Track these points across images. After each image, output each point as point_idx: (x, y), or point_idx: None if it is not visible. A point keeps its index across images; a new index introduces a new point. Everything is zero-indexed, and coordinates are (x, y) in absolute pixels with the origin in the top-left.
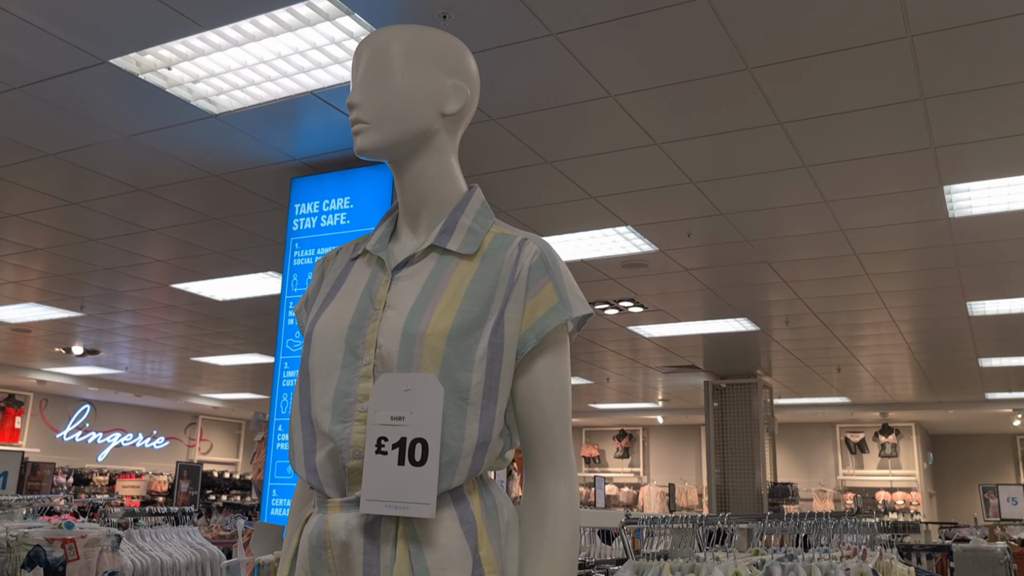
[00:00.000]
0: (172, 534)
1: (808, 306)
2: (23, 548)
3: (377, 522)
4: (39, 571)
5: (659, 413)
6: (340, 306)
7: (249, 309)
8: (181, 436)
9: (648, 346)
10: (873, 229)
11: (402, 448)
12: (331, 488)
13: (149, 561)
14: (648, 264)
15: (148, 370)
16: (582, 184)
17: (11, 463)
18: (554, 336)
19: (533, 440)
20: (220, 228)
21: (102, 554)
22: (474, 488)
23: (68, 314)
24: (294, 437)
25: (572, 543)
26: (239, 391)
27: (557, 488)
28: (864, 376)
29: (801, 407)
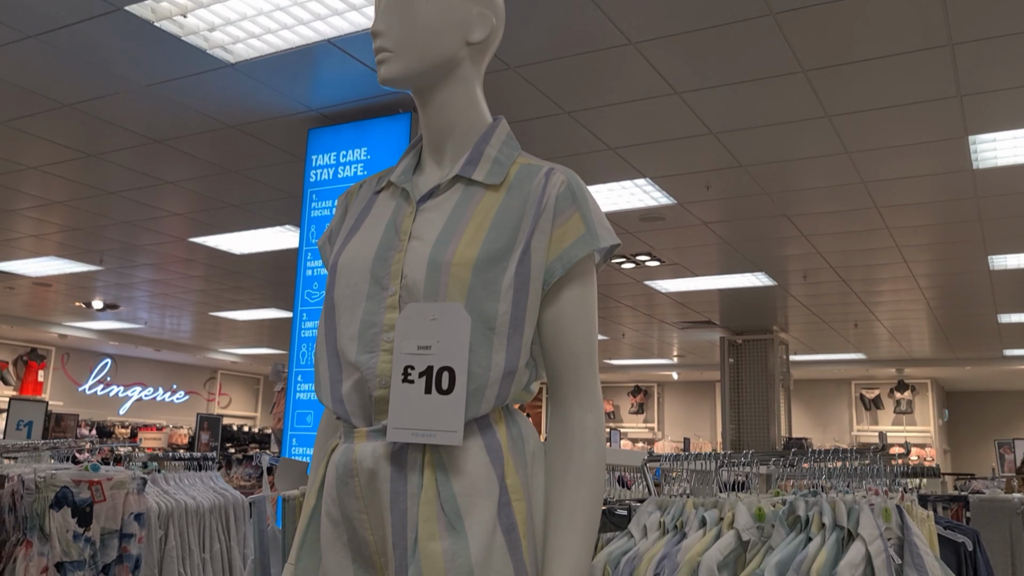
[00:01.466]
0: (195, 479)
1: (826, 260)
2: (51, 489)
3: (404, 450)
4: (67, 511)
5: (674, 369)
6: (365, 238)
7: (266, 263)
8: (200, 391)
9: (664, 301)
10: (895, 181)
11: (429, 377)
12: (357, 418)
13: (174, 504)
14: (666, 217)
15: (167, 325)
16: (600, 135)
17: (36, 414)
18: (581, 266)
19: (560, 370)
20: (237, 181)
21: (128, 496)
22: (500, 418)
23: (88, 268)
24: (320, 368)
25: (598, 472)
26: (257, 346)
27: (584, 417)
28: (881, 332)
29: (817, 363)
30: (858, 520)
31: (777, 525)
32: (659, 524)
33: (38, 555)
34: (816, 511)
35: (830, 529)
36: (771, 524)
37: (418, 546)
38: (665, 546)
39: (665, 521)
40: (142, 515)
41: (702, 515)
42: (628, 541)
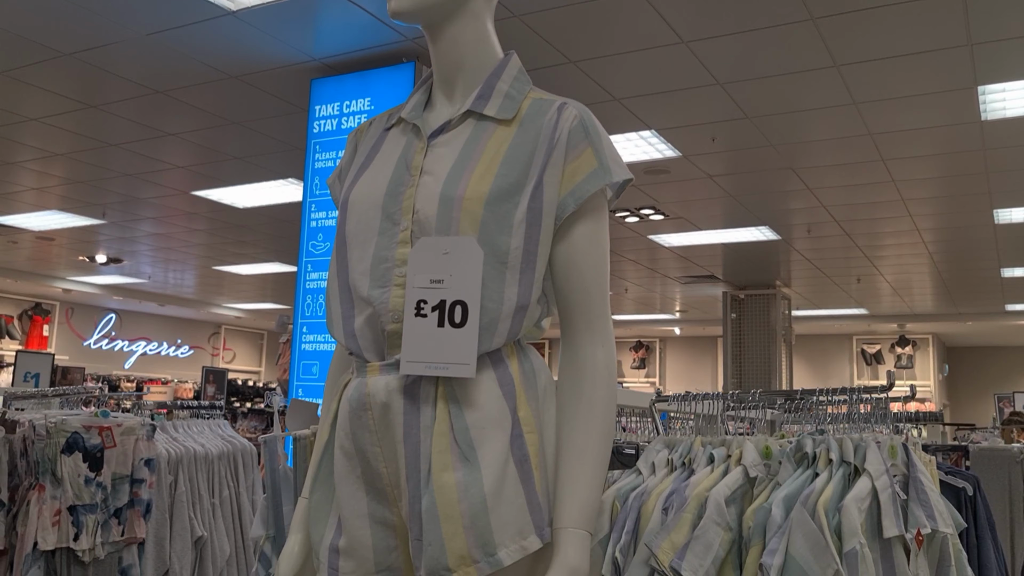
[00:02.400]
0: (203, 427)
1: (831, 214)
2: (62, 434)
3: (417, 383)
4: (78, 456)
5: (676, 324)
6: (375, 174)
7: (270, 217)
8: (204, 345)
9: (667, 256)
10: (902, 133)
11: (441, 310)
12: (370, 352)
13: (183, 451)
14: (670, 170)
15: (171, 279)
16: (606, 85)
17: (43, 366)
18: (593, 202)
19: (571, 306)
20: (239, 133)
21: (138, 442)
22: (512, 352)
23: (90, 222)
24: (332, 304)
25: (609, 405)
26: (260, 301)
27: (595, 352)
28: (883, 287)
29: (819, 319)
30: (865, 456)
31: (784, 461)
32: (667, 462)
33: (51, 498)
34: (823, 448)
35: (837, 465)
36: (778, 461)
37: (431, 477)
38: (673, 482)
39: (673, 459)
40: (152, 461)
41: (710, 452)
42: (636, 478)
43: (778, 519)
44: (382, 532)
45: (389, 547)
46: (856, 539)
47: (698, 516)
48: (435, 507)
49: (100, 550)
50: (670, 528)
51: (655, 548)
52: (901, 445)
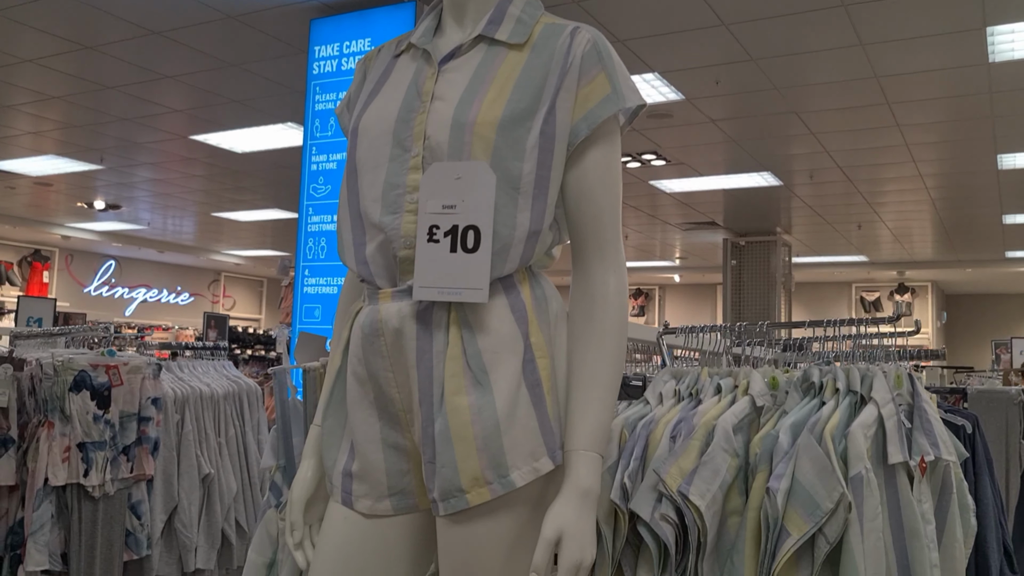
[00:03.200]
0: (208, 367)
1: (834, 159)
2: (69, 373)
3: (429, 309)
4: (86, 394)
5: (676, 272)
6: (385, 100)
7: (269, 162)
8: (204, 292)
9: (668, 202)
10: (909, 76)
11: (454, 236)
12: (382, 279)
13: (189, 390)
14: (673, 114)
15: (170, 226)
16: (609, 26)
17: (45, 310)
18: (606, 127)
19: (583, 232)
20: (237, 75)
21: (144, 381)
22: (524, 278)
23: (88, 167)
24: (343, 231)
25: (621, 332)
26: (260, 248)
27: (606, 278)
28: (884, 234)
29: (819, 266)
30: (871, 385)
31: (791, 391)
32: (674, 392)
33: (60, 435)
34: (830, 377)
35: (843, 394)
36: (784, 391)
37: (444, 401)
38: (681, 411)
39: (680, 389)
40: (159, 399)
41: (717, 383)
42: (644, 407)
43: (785, 445)
44: (394, 456)
45: (401, 471)
46: (862, 464)
47: (706, 443)
48: (448, 430)
49: (110, 486)
50: (678, 454)
51: (663, 474)
52: (907, 375)
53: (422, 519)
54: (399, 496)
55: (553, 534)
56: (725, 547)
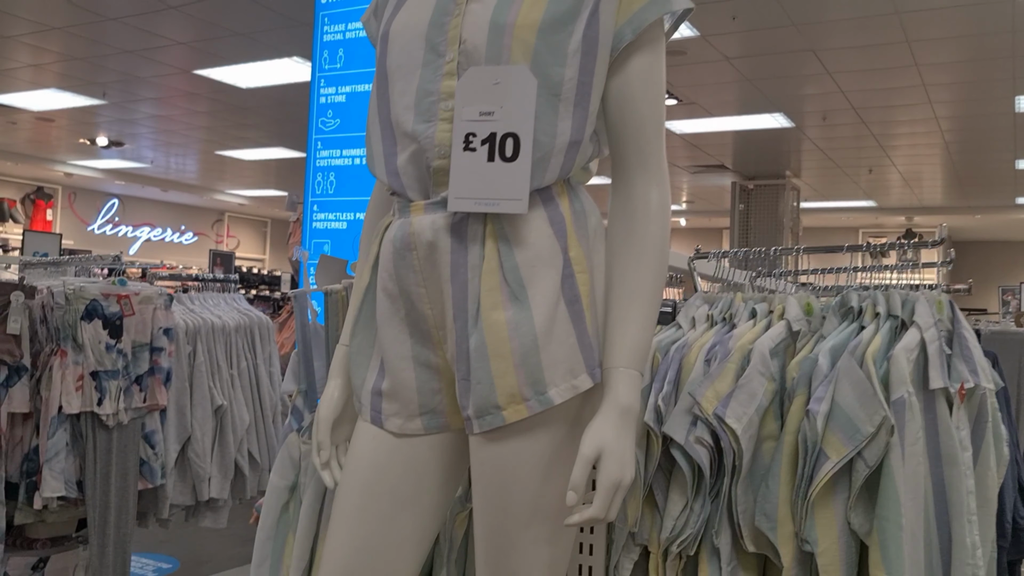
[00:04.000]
0: (219, 299)
1: (848, 100)
2: (81, 301)
3: (464, 221)
4: (98, 323)
5: (683, 216)
6: (417, 4)
7: (274, 99)
8: (208, 232)
9: (677, 143)
10: (930, 12)
11: (492, 144)
12: (414, 191)
13: (200, 322)
14: (687, 52)
15: (173, 164)
16: None
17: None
18: (651, 32)
19: (625, 142)
20: (242, 6)
21: (156, 312)
22: (563, 191)
23: (90, 102)
24: (373, 142)
25: (663, 247)
26: (264, 187)
27: (648, 191)
28: (894, 178)
29: (827, 211)
30: (913, 309)
31: (829, 315)
32: (707, 316)
33: (73, 364)
34: (869, 302)
35: (884, 318)
36: (821, 316)
37: (480, 316)
38: (715, 335)
39: (713, 314)
40: (170, 330)
41: (752, 307)
42: (676, 331)
43: (824, 368)
44: (426, 374)
45: (433, 389)
46: (904, 388)
47: (742, 367)
48: (484, 345)
49: (123, 416)
50: (714, 377)
51: (699, 397)
52: (947, 301)
53: (453, 439)
54: (430, 415)
55: (592, 452)
56: (759, 472)
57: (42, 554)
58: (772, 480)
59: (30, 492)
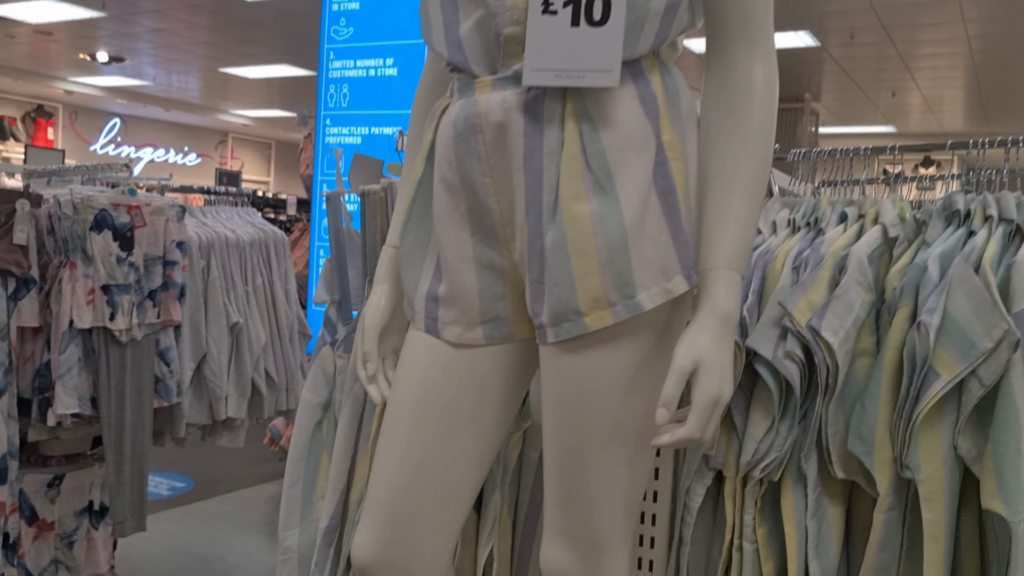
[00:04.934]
0: (232, 213)
1: (878, 16)
2: (89, 211)
3: (540, 99)
4: (108, 235)
5: None
6: None
7: (279, 11)
8: (212, 153)
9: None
10: None
11: (576, 5)
12: (480, 65)
13: (214, 236)
14: None
15: (174, 82)
16: None
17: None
18: None
19: (727, 9)
20: None
21: (168, 223)
22: (654, 65)
23: (90, 14)
24: (430, 7)
25: (768, 129)
26: (268, 107)
27: (752, 65)
28: (915, 102)
29: (844, 136)
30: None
31: (933, 219)
32: (788, 221)
33: (83, 277)
34: (978, 204)
35: (996, 222)
36: (922, 221)
37: (559, 208)
38: (800, 242)
39: (795, 218)
40: (183, 243)
41: (841, 211)
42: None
43: (935, 276)
44: (489, 277)
45: (496, 295)
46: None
47: (835, 275)
48: (565, 242)
49: (137, 331)
50: (806, 286)
51: (790, 307)
52: None
53: (516, 350)
54: (492, 324)
55: (688, 364)
56: (851, 391)
57: (57, 471)
58: (869, 400)
59: (43, 408)
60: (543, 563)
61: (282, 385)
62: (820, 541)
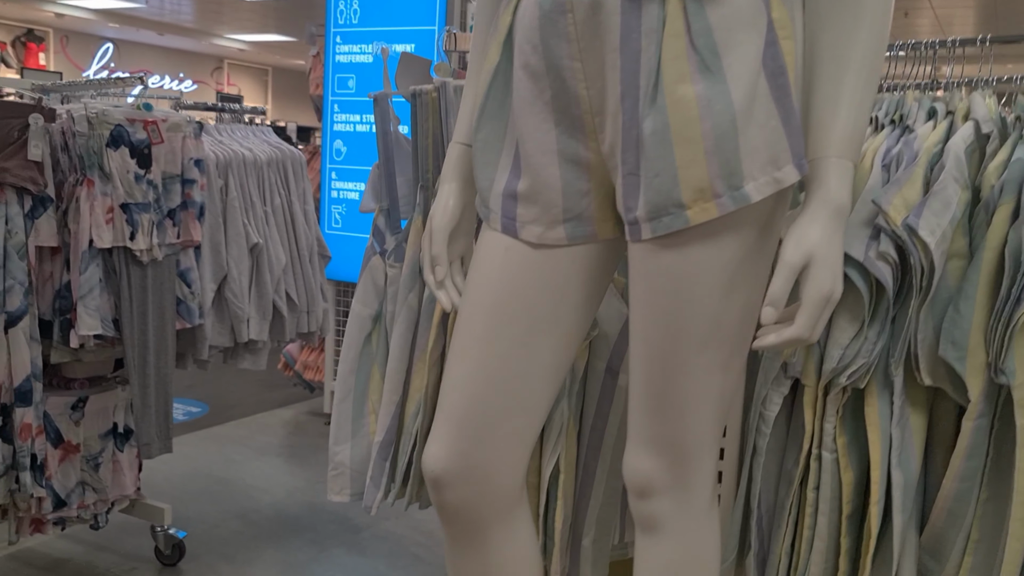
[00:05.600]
0: (247, 132)
1: None
2: (105, 127)
3: None
4: (125, 151)
5: None
6: None
7: None
8: (208, 80)
9: None
10: None
11: None
12: None
13: (231, 154)
14: None
15: (167, 5)
16: None
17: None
18: None
19: None
20: None
21: (185, 140)
22: None
23: None
24: None
25: (884, 9)
26: (264, 31)
27: None
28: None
29: None
30: None
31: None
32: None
33: (101, 195)
34: None
35: None
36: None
37: (662, 91)
38: (887, 139)
39: (878, 115)
40: (201, 161)
41: (929, 106)
42: None
43: None
44: (574, 172)
45: (580, 191)
46: None
47: (928, 173)
48: (667, 129)
49: (157, 251)
50: (901, 183)
51: (885, 205)
52: None
53: (599, 252)
54: (575, 222)
55: (800, 259)
56: (942, 295)
57: (80, 394)
58: (964, 303)
59: (64, 330)
60: (627, 472)
61: (303, 308)
62: (903, 450)
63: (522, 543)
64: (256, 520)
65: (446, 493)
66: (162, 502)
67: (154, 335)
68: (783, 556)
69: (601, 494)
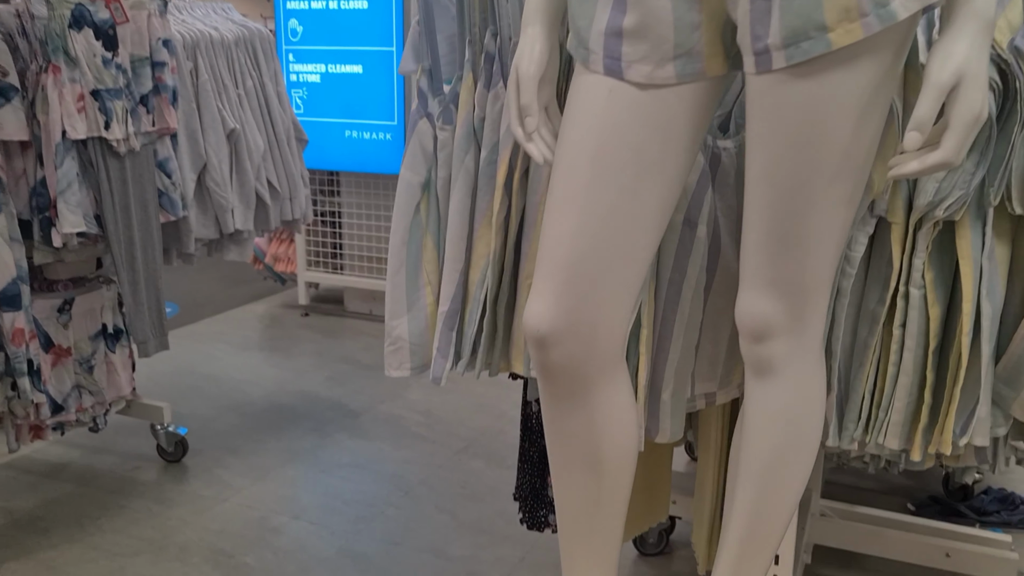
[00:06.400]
0: (208, 9)
1: None
2: (65, 6)
3: None
4: (89, 33)
5: None
6: None
7: None
8: None
9: None
10: None
11: None
12: None
13: (197, 34)
14: None
15: None
16: None
17: None
18: None
19: None
20: None
21: (151, 18)
22: None
23: None
24: None
25: None
26: None
27: None
28: None
29: None
30: None
31: None
32: None
33: (69, 81)
34: None
35: None
36: None
37: None
38: None
39: None
40: (170, 41)
41: None
42: None
43: None
44: (685, 3)
45: (692, 24)
46: None
47: None
48: None
49: (134, 141)
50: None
51: None
52: None
53: (706, 90)
54: (685, 59)
55: (949, 78)
56: None
57: (65, 296)
58: None
59: (45, 229)
60: (742, 317)
61: (285, 194)
62: (991, 281)
63: (624, 398)
64: (252, 413)
65: (551, 352)
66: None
67: (139, 230)
68: (866, 395)
69: (680, 348)
